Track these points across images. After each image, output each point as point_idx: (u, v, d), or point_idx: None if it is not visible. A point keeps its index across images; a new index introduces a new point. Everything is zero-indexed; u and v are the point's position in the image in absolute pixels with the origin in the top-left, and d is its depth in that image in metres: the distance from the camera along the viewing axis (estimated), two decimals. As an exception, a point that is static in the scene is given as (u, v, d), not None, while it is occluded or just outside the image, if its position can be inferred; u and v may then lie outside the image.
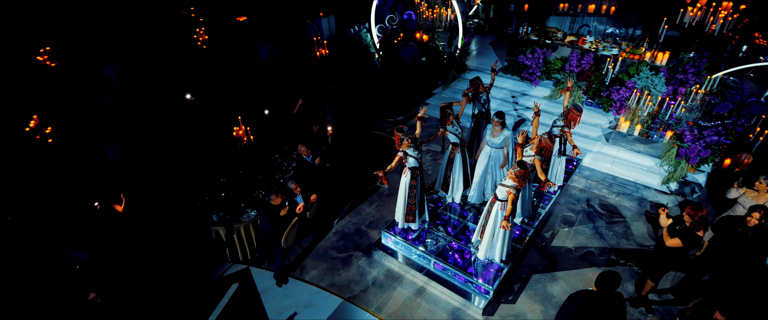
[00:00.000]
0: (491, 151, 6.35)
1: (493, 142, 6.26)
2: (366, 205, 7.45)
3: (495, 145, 6.27)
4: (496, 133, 6.19)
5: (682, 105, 7.29)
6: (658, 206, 7.24)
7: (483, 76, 10.31)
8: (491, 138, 6.27)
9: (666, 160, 7.47)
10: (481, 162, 6.49)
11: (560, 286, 5.87)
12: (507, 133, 6.17)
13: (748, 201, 5.60)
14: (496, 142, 6.23)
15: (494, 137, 6.23)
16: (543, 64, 9.39)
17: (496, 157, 6.39)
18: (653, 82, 7.76)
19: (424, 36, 11.11)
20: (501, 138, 6.18)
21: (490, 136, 6.28)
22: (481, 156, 6.47)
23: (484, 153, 6.43)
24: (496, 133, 6.19)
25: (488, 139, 6.31)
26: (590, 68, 8.82)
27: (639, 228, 6.82)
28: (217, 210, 6.11)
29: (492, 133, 6.26)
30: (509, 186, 5.19)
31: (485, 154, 6.43)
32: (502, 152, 6.32)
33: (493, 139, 6.25)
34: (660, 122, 7.59)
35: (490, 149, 6.36)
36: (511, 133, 6.19)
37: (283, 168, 7.11)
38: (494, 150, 6.33)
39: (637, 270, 6.09)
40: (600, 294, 4.04)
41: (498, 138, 6.19)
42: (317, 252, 6.54)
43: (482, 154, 6.46)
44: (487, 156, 6.41)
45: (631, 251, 6.42)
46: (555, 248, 6.47)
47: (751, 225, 4.86)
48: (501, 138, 6.18)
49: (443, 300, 5.75)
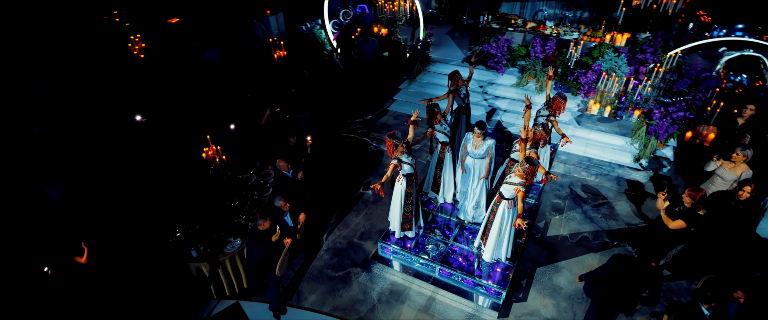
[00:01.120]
0: (473, 162, 5.94)
1: (476, 154, 5.84)
2: (353, 215, 7.03)
3: (478, 156, 5.85)
4: (478, 143, 5.77)
5: (648, 84, 7.57)
6: (635, 184, 7.54)
7: (448, 68, 10.18)
8: (473, 149, 5.83)
9: (636, 138, 7.77)
10: (464, 175, 6.11)
11: (565, 276, 5.88)
12: (489, 142, 5.79)
13: (726, 172, 5.88)
14: (479, 153, 5.81)
15: (476, 148, 5.80)
16: (507, 51, 9.39)
17: (478, 167, 5.97)
18: (617, 64, 8.00)
19: (383, 29, 10.73)
20: (484, 148, 5.78)
21: (471, 148, 5.83)
22: (464, 168, 6.06)
23: (466, 165, 6.02)
24: (478, 143, 5.77)
25: (470, 151, 5.87)
26: (554, 53, 8.95)
27: (623, 208, 7.03)
28: (196, 244, 5.40)
29: (473, 144, 5.81)
30: (516, 184, 5.03)
31: (467, 165, 6.02)
32: (485, 163, 5.92)
33: (475, 151, 5.82)
34: (628, 102, 7.85)
35: (472, 160, 5.94)
36: (493, 142, 5.82)
37: (260, 186, 6.47)
38: (477, 161, 5.92)
39: (631, 249, 6.25)
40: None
41: (481, 148, 5.78)
42: (312, 274, 6.04)
43: (464, 166, 6.04)
44: (470, 168, 6.01)
45: (621, 231, 6.59)
46: (551, 238, 6.48)
47: (742, 198, 5.09)
48: (484, 148, 5.78)
49: (455, 307, 5.54)
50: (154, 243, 5.74)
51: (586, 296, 5.37)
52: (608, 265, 4.73)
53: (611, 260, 4.73)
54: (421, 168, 7.94)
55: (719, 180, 5.91)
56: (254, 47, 10.52)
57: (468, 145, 5.90)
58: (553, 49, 8.95)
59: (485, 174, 5.96)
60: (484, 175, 5.97)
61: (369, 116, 9.73)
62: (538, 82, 9.03)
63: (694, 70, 7.93)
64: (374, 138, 8.94)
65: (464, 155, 6.01)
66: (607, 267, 4.74)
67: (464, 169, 6.07)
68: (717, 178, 5.96)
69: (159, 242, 5.55)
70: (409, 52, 10.13)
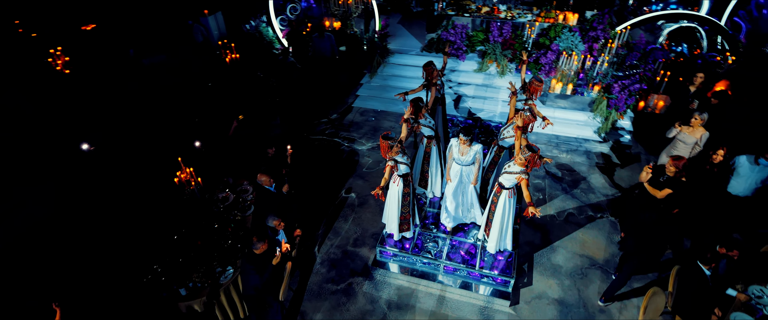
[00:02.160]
0: (461, 169, 5.65)
1: (463, 160, 5.54)
2: (342, 222, 6.70)
3: (465, 163, 5.56)
4: (464, 150, 5.46)
5: (605, 60, 7.95)
6: (603, 155, 7.94)
7: (408, 59, 10.04)
8: (460, 156, 5.51)
9: (598, 112, 8.17)
10: (451, 184, 5.76)
11: (562, 255, 6.04)
12: (476, 147, 5.47)
13: (686, 136, 6.30)
14: (466, 159, 5.52)
15: (463, 155, 5.49)
16: (466, 38, 9.42)
17: (467, 174, 5.70)
18: (573, 42, 8.32)
19: (336, 23, 10.29)
20: (471, 154, 5.48)
21: (458, 155, 5.52)
22: (452, 177, 5.73)
23: (453, 173, 5.70)
24: (464, 150, 5.46)
25: (456, 158, 5.56)
26: (511, 36, 9.11)
27: (597, 180, 7.37)
28: (182, 280, 4.81)
29: (460, 151, 5.49)
30: (517, 172, 5.01)
31: (454, 173, 5.70)
32: (473, 169, 5.66)
33: (462, 158, 5.51)
34: (588, 78, 8.21)
35: (459, 168, 5.63)
36: (480, 147, 5.50)
37: (241, 206, 5.92)
38: (465, 168, 5.64)
39: (614, 219, 6.58)
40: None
41: (468, 155, 5.48)
42: (312, 291, 5.67)
43: (452, 175, 5.72)
44: (457, 176, 5.69)
45: (601, 203, 6.91)
46: (540, 218, 6.61)
47: (716, 161, 5.50)
48: (471, 154, 5.48)
49: (466, 303, 5.47)
50: (132, 287, 5.03)
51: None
52: (640, 218, 4.98)
53: (643, 214, 4.99)
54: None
55: (681, 145, 6.32)
56: (197, 51, 9.63)
57: (453, 152, 5.58)
58: (510, 33, 9.11)
59: (474, 181, 5.72)
60: (473, 182, 5.73)
61: (334, 115, 9.33)
62: (499, 66, 9.17)
63: (641, 44, 8.46)
64: (345, 137, 8.59)
65: (450, 164, 5.70)
66: (633, 222, 5.00)
67: (450, 178, 5.75)
68: (678, 143, 6.38)
69: (138, 285, 4.87)
70: (366, 45, 9.82)
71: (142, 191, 6.09)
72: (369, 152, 8.17)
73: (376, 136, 8.57)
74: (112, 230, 5.76)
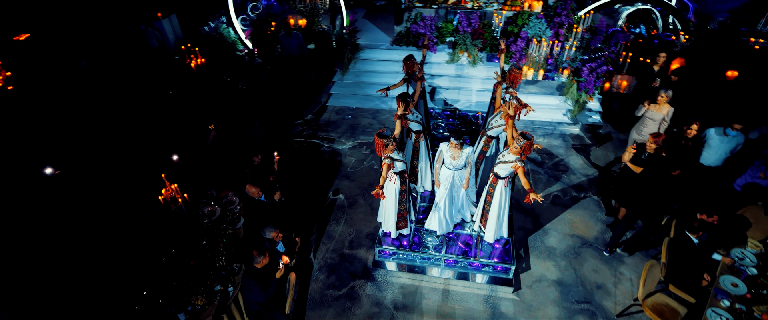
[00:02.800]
0: (453, 174, 5.48)
1: (455, 165, 5.38)
2: (334, 225, 6.54)
3: (457, 167, 5.41)
4: (456, 154, 5.30)
5: (574, 45, 8.22)
6: (577, 137, 8.24)
7: (379, 54, 9.92)
8: (451, 161, 5.34)
9: (569, 96, 8.45)
10: (443, 189, 5.60)
11: (554, 237, 6.22)
12: (467, 150, 5.33)
13: (654, 114, 6.63)
14: (458, 164, 5.37)
15: (455, 159, 5.32)
16: (436, 29, 9.43)
17: (459, 178, 5.56)
18: (541, 29, 8.53)
19: (301, 20, 9.97)
20: (463, 158, 5.34)
21: (449, 160, 5.35)
22: (442, 183, 5.57)
23: (444, 177, 5.53)
24: (456, 154, 5.30)
25: (448, 163, 5.39)
26: (480, 26, 9.21)
27: (576, 161, 7.64)
28: (180, 305, 4.50)
29: (451, 155, 5.30)
30: (513, 161, 5.08)
31: (446, 178, 5.52)
32: (465, 172, 5.54)
33: (454, 162, 5.35)
34: (558, 63, 8.47)
35: (451, 172, 5.47)
36: (471, 149, 5.38)
37: (228, 218, 5.62)
38: (457, 172, 5.48)
39: (597, 198, 6.85)
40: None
41: (460, 159, 5.34)
42: (314, 300, 5.50)
43: (443, 180, 5.56)
44: (449, 180, 5.53)
45: (582, 183, 7.17)
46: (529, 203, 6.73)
47: (690, 135, 5.83)
48: (463, 158, 5.34)
49: (471, 293, 5.52)
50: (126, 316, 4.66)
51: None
52: (643, 176, 5.28)
53: (645, 172, 5.27)
54: (385, 161, 7.69)
55: (650, 122, 6.65)
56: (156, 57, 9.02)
57: (445, 157, 5.40)
58: (479, 22, 9.21)
59: (466, 184, 5.61)
60: (465, 186, 5.62)
61: (309, 115, 9.08)
62: (470, 56, 9.26)
63: (603, 28, 8.82)
64: (323, 138, 8.38)
65: (439, 169, 5.55)
66: (642, 179, 5.29)
67: (439, 183, 5.60)
68: (647, 120, 6.70)
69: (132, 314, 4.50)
70: (335, 42, 9.60)
71: (122, 213, 5.63)
72: (351, 151, 8.02)
73: (355, 135, 8.43)
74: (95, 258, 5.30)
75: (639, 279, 5.57)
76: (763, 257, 4.90)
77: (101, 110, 7.12)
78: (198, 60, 7.85)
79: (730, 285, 4.64)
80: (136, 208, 5.54)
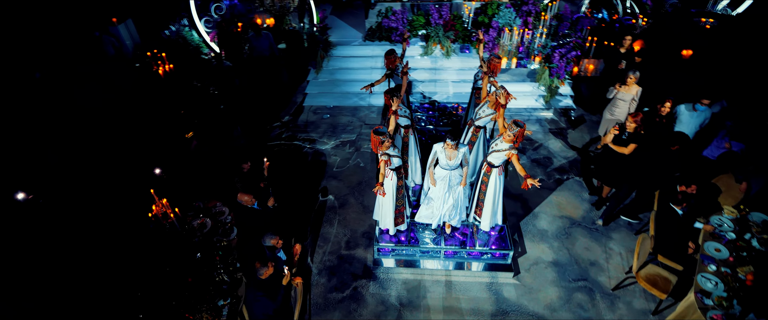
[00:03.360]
0: (449, 174, 5.35)
1: (451, 165, 5.25)
2: (327, 227, 6.43)
3: (453, 167, 5.28)
4: (452, 154, 5.16)
5: (544, 33, 8.46)
6: (552, 121, 8.52)
7: (351, 50, 9.80)
8: (447, 161, 5.21)
9: (542, 82, 8.71)
10: (439, 189, 5.49)
11: (544, 220, 6.42)
12: (463, 149, 5.21)
13: (624, 95, 6.94)
14: (454, 163, 5.25)
15: (451, 159, 5.19)
16: (407, 23, 9.43)
17: (455, 177, 5.42)
18: (511, 18, 8.73)
19: (268, 20, 9.67)
20: (459, 157, 5.23)
21: (445, 160, 5.22)
22: (438, 183, 5.46)
23: (440, 177, 5.42)
24: (452, 154, 5.16)
25: (444, 164, 5.26)
26: (451, 18, 9.30)
27: (555, 145, 7.90)
28: (183, 324, 4.28)
29: (447, 155, 5.18)
30: (506, 149, 5.17)
31: (442, 178, 5.41)
32: (461, 171, 5.43)
33: (450, 162, 5.22)
34: (531, 51, 8.70)
35: (447, 173, 5.33)
36: (466, 148, 5.28)
37: (220, 230, 5.39)
38: (453, 172, 5.34)
39: (578, 178, 7.12)
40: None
41: (456, 159, 5.22)
42: (318, 305, 5.40)
43: (438, 181, 5.45)
44: (446, 180, 5.40)
45: (563, 165, 7.43)
46: (515, 188, 6.92)
47: (664, 113, 6.16)
48: (459, 157, 5.23)
49: (473, 282, 5.60)
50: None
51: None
52: (644, 152, 5.68)
53: (646, 148, 5.64)
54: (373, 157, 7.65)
55: (621, 102, 6.95)
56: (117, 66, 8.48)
57: (439, 157, 5.27)
58: (449, 14, 9.29)
59: (464, 182, 5.50)
60: (463, 184, 5.51)
61: (286, 117, 8.84)
62: (443, 48, 9.34)
63: (568, 14, 9.14)
64: (304, 139, 8.20)
65: (431, 168, 5.47)
66: (642, 155, 5.68)
67: (434, 182, 5.49)
68: (618, 101, 7.00)
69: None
70: (306, 40, 9.38)
71: (110, 234, 5.27)
72: (334, 151, 7.90)
73: (336, 134, 8.31)
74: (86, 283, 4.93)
75: (627, 253, 5.89)
76: (739, 221, 5.27)
77: (68, 125, 6.61)
78: (166, 66, 7.45)
79: (714, 251, 4.96)
80: (124, 228, 5.20)
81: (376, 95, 9.04)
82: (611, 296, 5.37)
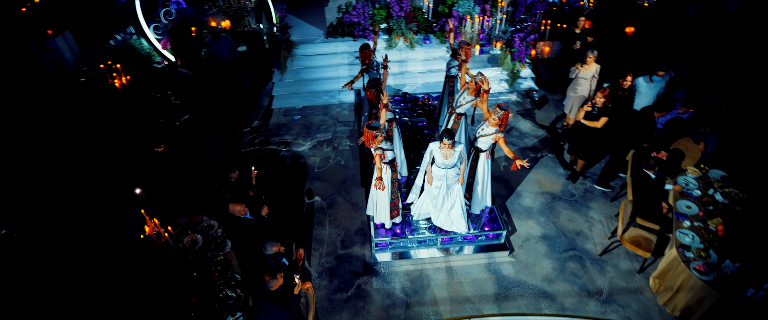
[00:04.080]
0: (446, 172, 5.33)
1: (448, 164, 5.23)
2: (320, 228, 6.33)
3: (449, 165, 5.26)
4: (448, 154, 5.15)
5: (503, 18, 8.77)
6: (518, 103, 8.87)
7: (314, 48, 9.62)
8: (444, 160, 5.18)
9: (505, 67, 9.04)
10: (436, 188, 5.48)
11: (528, 197, 6.71)
12: (459, 147, 5.18)
13: (585, 73, 7.39)
14: (451, 162, 5.23)
15: (447, 158, 5.17)
16: (369, 17, 9.40)
17: (452, 176, 5.40)
18: (470, 6, 8.96)
19: (223, 22, 9.25)
20: (455, 156, 5.20)
21: (442, 160, 5.19)
22: (434, 181, 5.43)
23: (437, 176, 5.39)
24: (448, 154, 5.15)
25: (440, 163, 5.24)
26: (411, 9, 9.38)
27: (525, 126, 8.24)
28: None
29: (443, 155, 5.16)
30: (493, 133, 5.35)
31: (439, 177, 5.39)
32: (458, 169, 5.40)
33: (446, 161, 5.19)
34: (491, 37, 8.98)
35: (444, 171, 5.31)
36: (462, 145, 5.31)
37: (213, 244, 5.15)
38: (450, 170, 5.32)
39: (551, 155, 7.49)
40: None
41: (453, 157, 5.19)
42: (324, 308, 5.32)
43: (435, 179, 5.42)
44: (442, 179, 5.39)
45: (536, 144, 7.78)
46: (494, 170, 7.12)
47: (626, 86, 6.61)
48: (455, 156, 5.20)
49: (472, 265, 5.76)
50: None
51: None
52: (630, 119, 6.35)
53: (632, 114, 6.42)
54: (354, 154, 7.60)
55: (582, 81, 7.39)
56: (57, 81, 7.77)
57: (436, 157, 5.25)
58: (410, 6, 9.37)
59: (461, 178, 5.44)
60: (460, 181, 5.45)
61: (255, 122, 8.54)
62: (407, 40, 9.43)
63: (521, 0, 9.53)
64: (279, 143, 7.97)
65: (427, 167, 5.45)
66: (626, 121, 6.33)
67: (431, 181, 5.47)
68: (580, 80, 7.42)
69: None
70: (267, 41, 9.08)
71: (101, 261, 4.85)
72: (312, 151, 7.75)
73: (311, 134, 8.15)
74: None
75: (607, 220, 6.30)
76: (702, 179, 5.80)
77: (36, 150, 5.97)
78: (123, 78, 6.93)
79: (685, 208, 5.43)
80: (115, 253, 4.82)
81: (345, 92, 8.96)
82: (600, 261, 5.73)
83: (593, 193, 6.74)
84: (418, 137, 7.69)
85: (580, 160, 6.78)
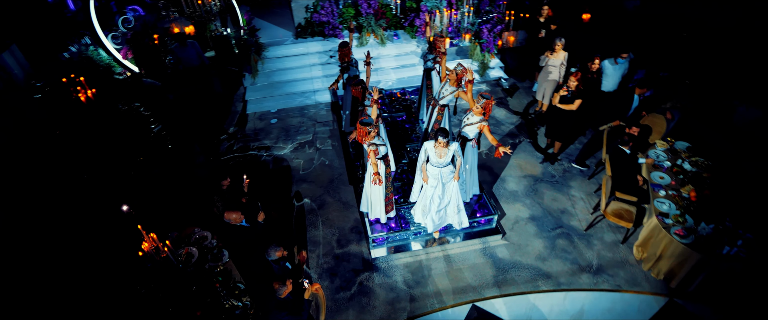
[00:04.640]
0: (441, 171, 5.34)
1: (442, 163, 5.26)
2: (313, 230, 6.27)
3: (443, 164, 5.28)
4: (442, 152, 5.16)
5: (471, 11, 8.99)
6: (491, 93, 9.15)
7: (284, 49, 9.48)
8: (438, 159, 5.22)
9: (475, 58, 9.29)
10: (432, 187, 5.45)
11: (512, 182, 6.95)
12: (453, 146, 5.19)
13: (554, 60, 7.69)
14: (445, 161, 5.25)
15: (442, 157, 5.19)
16: (338, 15, 9.36)
17: (447, 174, 5.41)
18: (439, 0, 9.12)
19: (187, 27, 8.91)
20: (450, 154, 5.22)
21: (436, 158, 5.23)
22: (430, 180, 5.43)
23: (432, 175, 5.40)
24: (442, 152, 5.16)
25: (435, 161, 5.27)
26: (380, 6, 9.43)
27: (499, 113, 8.51)
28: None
29: (438, 153, 5.17)
30: (477, 121, 5.51)
31: (434, 176, 5.39)
32: (452, 167, 5.39)
33: (441, 160, 5.22)
34: (461, 30, 9.19)
35: (439, 170, 5.33)
36: (456, 143, 5.31)
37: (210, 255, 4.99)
38: (444, 169, 5.33)
39: (528, 140, 7.79)
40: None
41: (447, 156, 5.22)
42: (328, 308, 5.29)
43: (430, 178, 5.43)
44: (437, 178, 5.39)
45: (512, 130, 8.06)
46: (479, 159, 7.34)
47: (594, 69, 6.98)
48: (450, 154, 5.22)
49: (469, 251, 5.91)
50: None
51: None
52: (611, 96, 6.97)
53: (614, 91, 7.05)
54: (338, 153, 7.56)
55: (552, 68, 7.73)
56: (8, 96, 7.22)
57: (430, 155, 5.28)
58: (378, 3, 9.41)
59: (456, 176, 5.43)
60: (456, 178, 5.44)
61: (232, 128, 8.30)
62: (378, 37, 9.47)
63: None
64: (259, 148, 7.80)
65: (422, 166, 5.48)
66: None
67: (427, 179, 5.46)
68: (550, 67, 7.75)
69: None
70: (236, 45, 8.84)
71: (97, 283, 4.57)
72: (294, 154, 7.65)
73: (291, 137, 8.03)
74: None
75: (587, 196, 6.64)
76: (670, 151, 6.24)
77: None
78: (88, 91, 6.55)
79: (659, 179, 5.84)
80: (116, 273, 4.56)
81: (321, 92, 8.88)
82: (586, 236, 6.05)
83: (571, 172, 7.08)
84: (399, 132, 7.77)
85: (557, 142, 7.10)
